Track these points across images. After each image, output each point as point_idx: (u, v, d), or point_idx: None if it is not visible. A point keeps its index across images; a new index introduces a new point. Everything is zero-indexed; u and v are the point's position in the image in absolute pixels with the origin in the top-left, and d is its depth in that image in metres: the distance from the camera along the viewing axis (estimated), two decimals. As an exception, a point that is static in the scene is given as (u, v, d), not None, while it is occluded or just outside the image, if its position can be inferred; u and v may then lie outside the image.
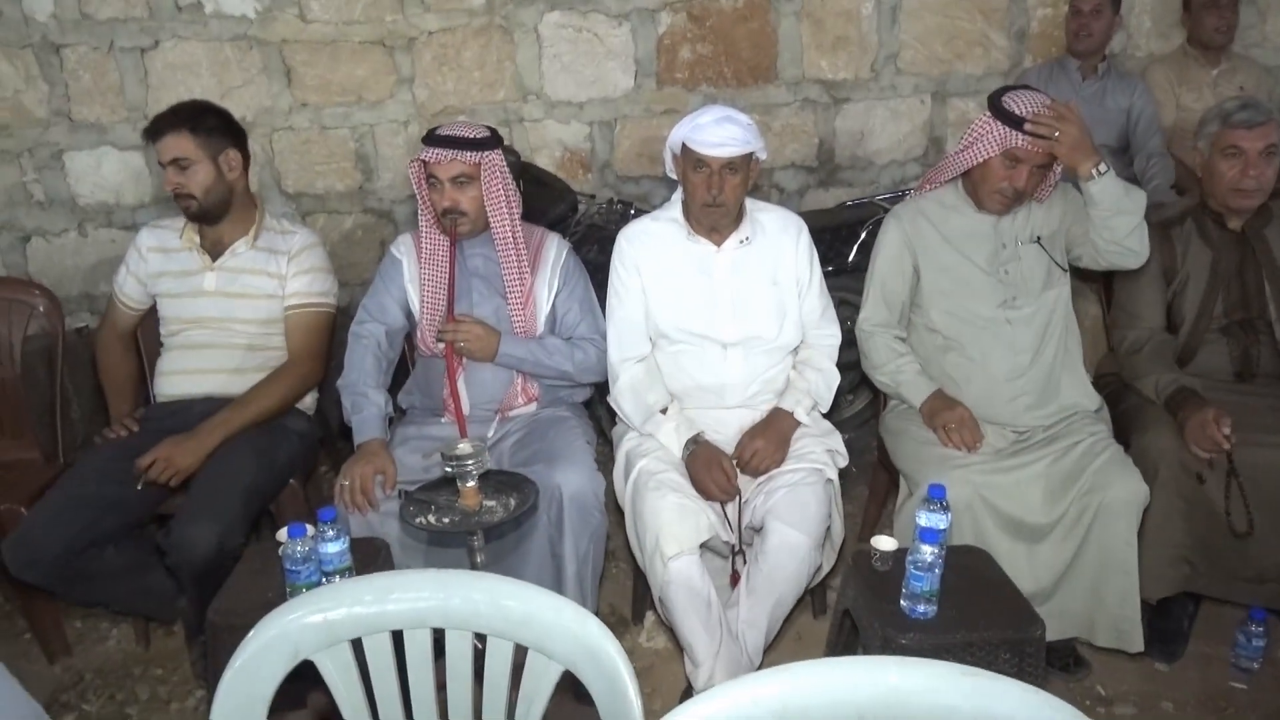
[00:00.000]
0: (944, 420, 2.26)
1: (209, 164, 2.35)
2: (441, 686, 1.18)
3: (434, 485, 1.90)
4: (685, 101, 3.82)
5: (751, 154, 2.21)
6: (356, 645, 1.14)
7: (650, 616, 2.47)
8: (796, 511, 2.09)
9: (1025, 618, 1.73)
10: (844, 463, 2.32)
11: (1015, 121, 2.17)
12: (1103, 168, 2.14)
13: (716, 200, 2.19)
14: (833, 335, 2.40)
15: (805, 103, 3.85)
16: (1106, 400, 2.51)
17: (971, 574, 1.87)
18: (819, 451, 2.23)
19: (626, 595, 2.54)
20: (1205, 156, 2.41)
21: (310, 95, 3.70)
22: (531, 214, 3.04)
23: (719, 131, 2.13)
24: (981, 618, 1.73)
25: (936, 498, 1.84)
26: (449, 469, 1.77)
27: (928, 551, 1.71)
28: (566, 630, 1.08)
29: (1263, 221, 2.44)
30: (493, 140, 2.30)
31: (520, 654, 1.12)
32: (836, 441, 2.32)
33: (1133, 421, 2.39)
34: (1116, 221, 2.17)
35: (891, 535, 1.99)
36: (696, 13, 3.73)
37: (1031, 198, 2.33)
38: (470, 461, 1.75)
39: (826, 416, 2.46)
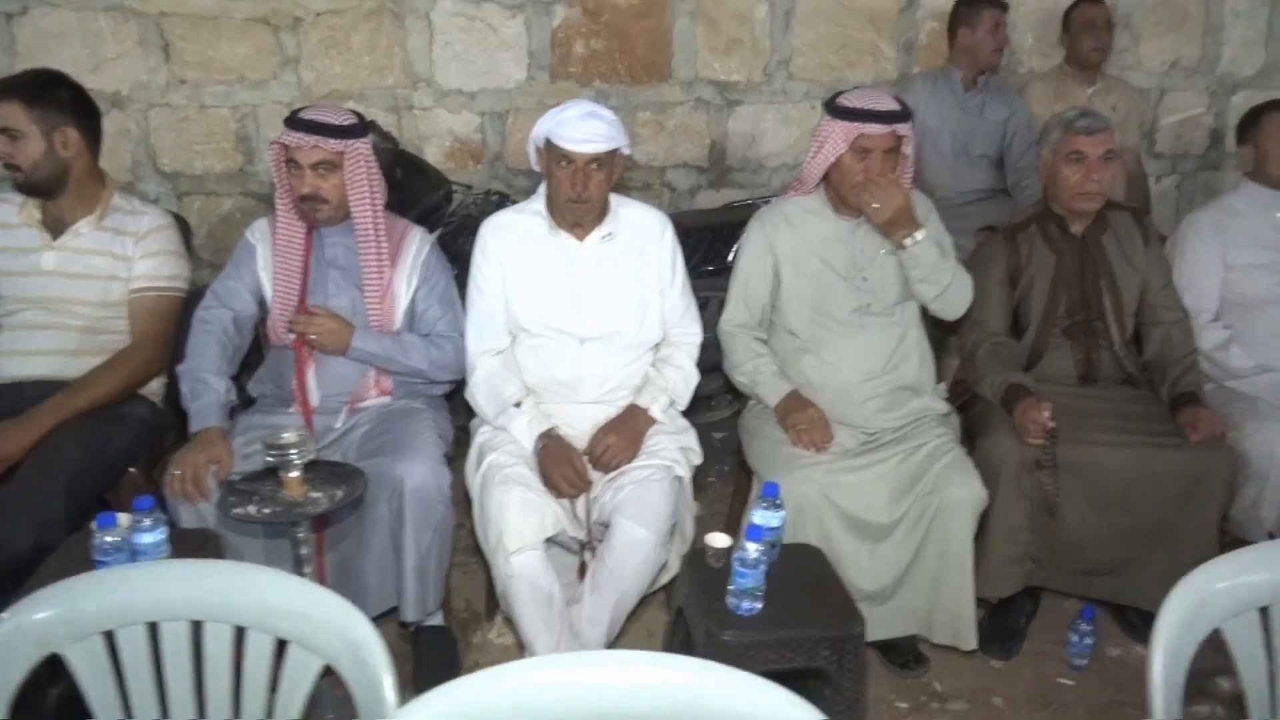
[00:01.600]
0: (795, 421, 2.29)
1: (40, 139, 2.24)
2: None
3: (260, 475, 1.85)
4: (577, 95, 3.79)
5: (616, 149, 2.21)
6: (112, 640, 1.09)
7: (501, 613, 2.44)
8: (642, 508, 2.09)
9: (847, 616, 1.76)
10: (699, 460, 2.34)
11: (851, 114, 2.23)
12: (909, 241, 2.24)
13: (581, 196, 2.17)
14: (694, 334, 2.41)
15: (698, 103, 3.86)
16: (961, 405, 2.58)
17: (804, 572, 1.89)
18: (671, 449, 2.24)
19: (482, 590, 2.51)
20: (1049, 163, 2.50)
21: (189, 72, 3.58)
22: (405, 202, 3.01)
23: (584, 128, 2.12)
24: (805, 616, 1.75)
25: (770, 496, 1.86)
26: (270, 458, 1.72)
27: (752, 549, 1.72)
28: (329, 624, 1.05)
29: (1101, 228, 2.54)
30: (360, 128, 2.24)
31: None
32: (691, 439, 2.33)
33: (980, 425, 2.46)
34: (922, 288, 2.33)
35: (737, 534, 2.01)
36: (592, 7, 3.72)
37: None
38: (293, 451, 1.70)
39: (694, 414, 2.47)
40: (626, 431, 2.23)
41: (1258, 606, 1.11)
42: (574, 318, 2.27)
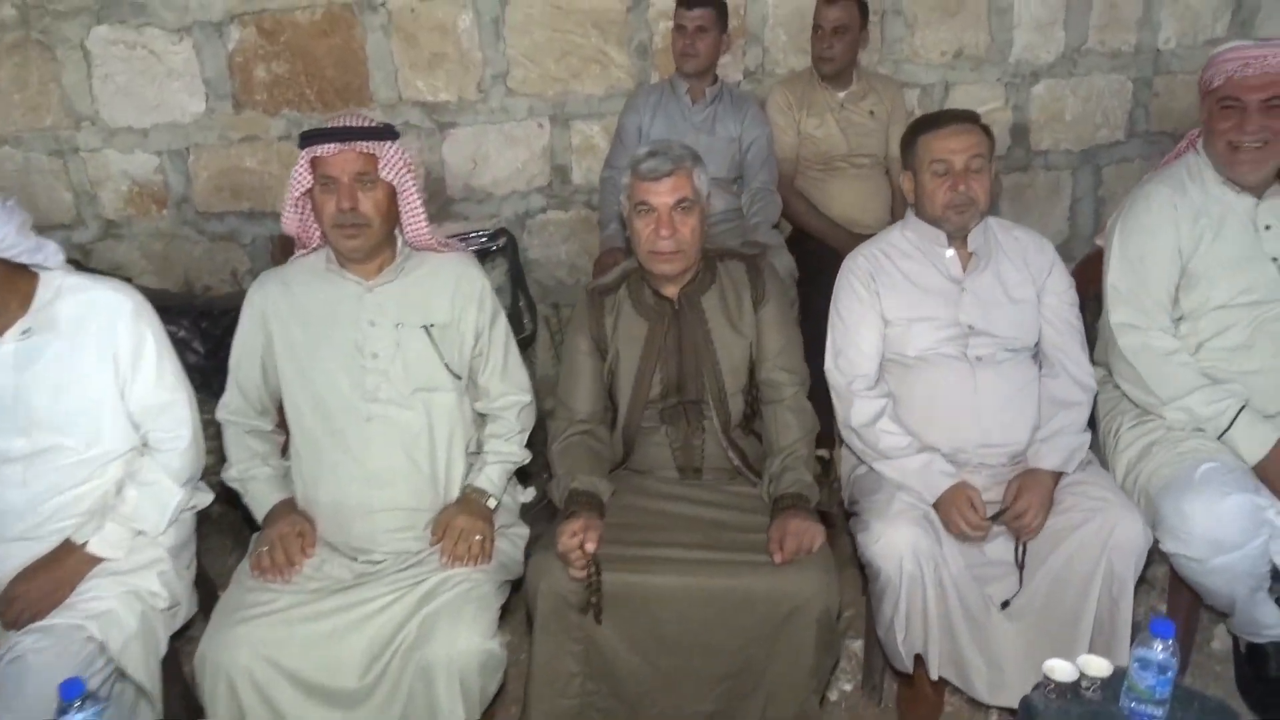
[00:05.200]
0: (260, 542, 1.84)
1: None
2: None
3: None
4: (267, 127, 3.36)
5: None
6: None
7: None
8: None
9: None
10: (166, 604, 1.88)
11: (309, 138, 1.88)
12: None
13: None
14: (178, 438, 1.95)
15: (406, 127, 3.39)
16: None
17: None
18: (108, 597, 1.78)
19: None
20: (627, 211, 2.01)
21: None
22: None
23: None
24: None
25: (69, 698, 1.40)
26: None
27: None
28: None
29: (703, 286, 2.04)
30: None
31: None
32: (153, 580, 1.86)
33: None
34: None
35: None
36: (269, 27, 3.27)
37: (387, 227, 1.93)
38: None
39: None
40: (45, 579, 1.78)
41: None
42: (-7, 433, 1.82)
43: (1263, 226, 2.07)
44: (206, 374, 2.51)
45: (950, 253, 2.12)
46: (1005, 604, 1.97)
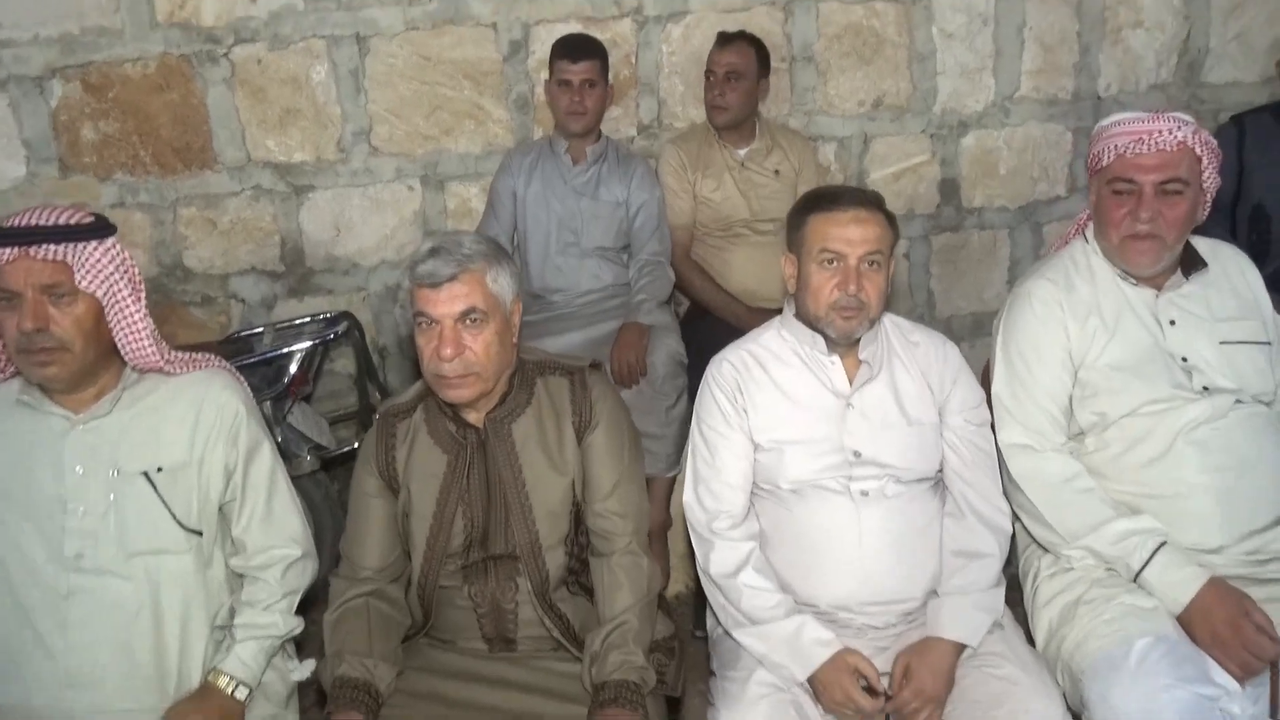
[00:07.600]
0: None
1: None
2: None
3: None
4: (97, 192, 2.97)
5: None
6: None
7: None
8: None
9: None
10: None
11: None
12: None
13: None
14: None
15: (258, 192, 3.01)
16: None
17: None
18: None
19: None
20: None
21: None
22: None
23: None
24: None
25: None
26: None
27: None
28: None
29: (512, 411, 1.64)
30: None
31: None
32: None
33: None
34: None
35: None
36: (95, 81, 2.88)
37: (97, 349, 1.51)
38: None
39: None
40: None
41: None
42: None
43: (1166, 322, 1.73)
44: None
45: (835, 360, 1.73)
46: None
